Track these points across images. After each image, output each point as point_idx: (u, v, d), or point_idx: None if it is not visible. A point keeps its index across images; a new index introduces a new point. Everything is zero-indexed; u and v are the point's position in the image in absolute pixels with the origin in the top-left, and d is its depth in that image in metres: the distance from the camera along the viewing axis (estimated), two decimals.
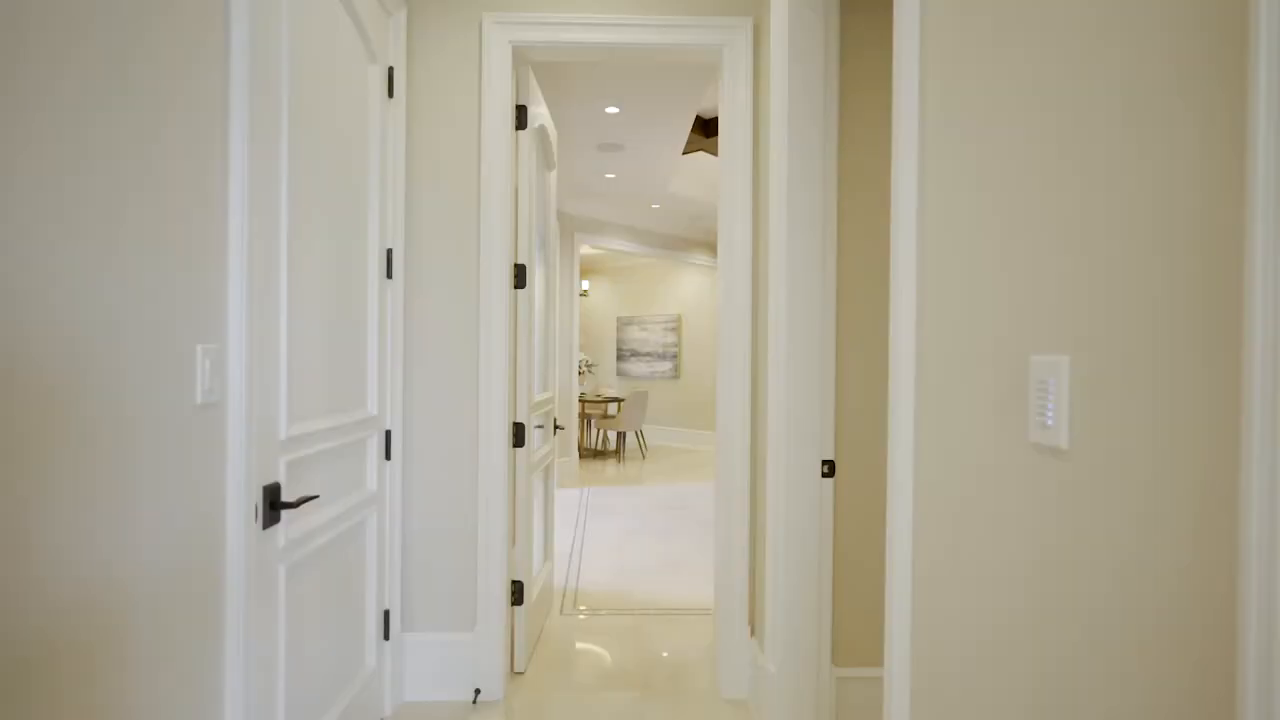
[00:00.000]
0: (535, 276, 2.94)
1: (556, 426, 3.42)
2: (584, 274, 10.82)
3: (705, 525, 5.17)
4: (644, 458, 8.66)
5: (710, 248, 8.90)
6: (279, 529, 1.55)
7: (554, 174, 3.41)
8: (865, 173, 2.28)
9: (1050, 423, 0.88)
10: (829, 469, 2.19)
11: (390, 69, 2.30)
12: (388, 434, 2.31)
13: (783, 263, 2.17)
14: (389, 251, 2.31)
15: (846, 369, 2.28)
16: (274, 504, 1.50)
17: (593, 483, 6.95)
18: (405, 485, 2.46)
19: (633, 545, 4.58)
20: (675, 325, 9.86)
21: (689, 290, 9.77)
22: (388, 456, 2.31)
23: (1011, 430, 0.99)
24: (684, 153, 5.27)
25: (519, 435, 2.65)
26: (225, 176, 1.36)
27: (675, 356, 9.85)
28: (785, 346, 2.16)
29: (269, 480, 1.50)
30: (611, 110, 4.35)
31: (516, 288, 2.67)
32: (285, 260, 1.58)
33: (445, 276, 2.48)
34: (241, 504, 1.37)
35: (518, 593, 2.67)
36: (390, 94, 2.30)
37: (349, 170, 1.99)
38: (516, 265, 2.66)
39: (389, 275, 2.32)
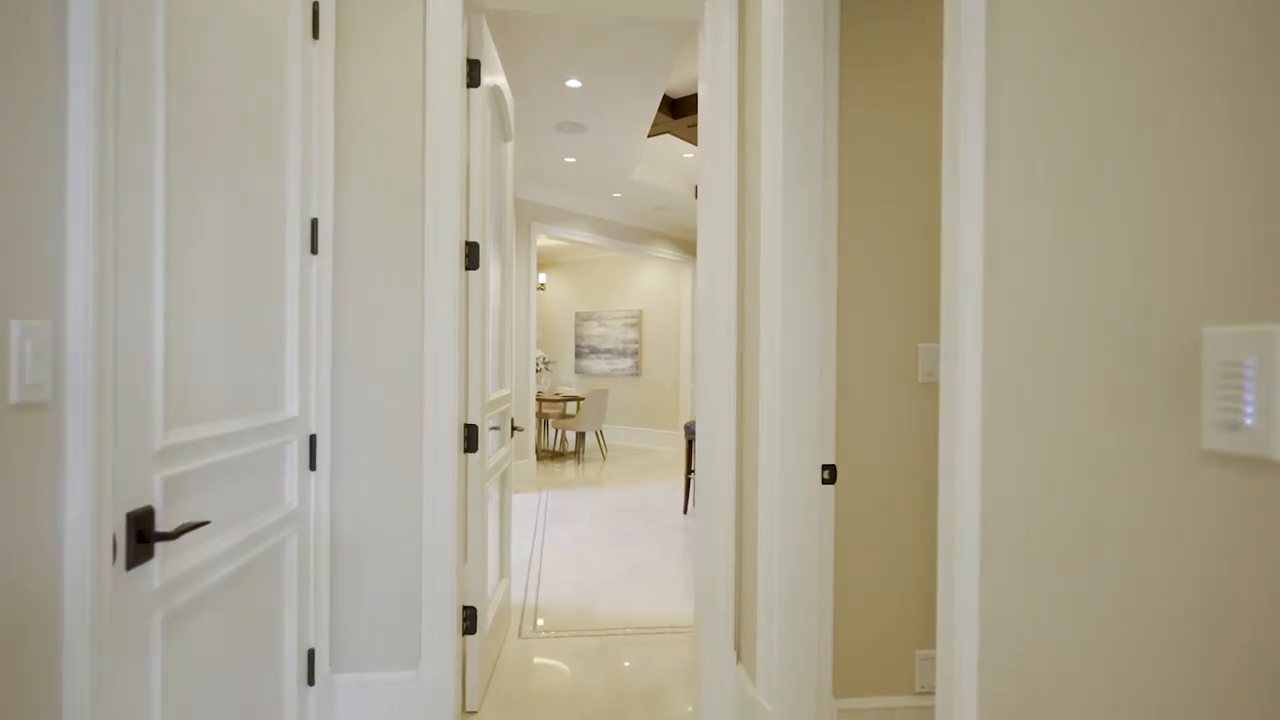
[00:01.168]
0: (489, 260, 2.60)
1: (514, 428, 3.08)
2: (541, 267, 10.43)
3: (670, 528, 4.89)
4: (604, 459, 8.34)
5: (673, 240, 8.63)
6: (151, 567, 1.19)
7: (510, 146, 3.07)
8: (870, 144, 2.02)
9: (1250, 422, 0.61)
10: (830, 474, 1.92)
11: (315, 4, 1.93)
12: (312, 439, 1.94)
13: (778, 245, 1.89)
14: (314, 222, 1.94)
15: (849, 365, 2.01)
16: (143, 535, 1.14)
17: (551, 486, 6.60)
18: (335, 499, 2.09)
19: (595, 552, 4.26)
20: (636, 321, 9.57)
21: (650, 284, 9.48)
22: (312, 466, 1.95)
23: (1167, 433, 0.70)
24: (650, 135, 4.97)
25: (471, 439, 2.31)
26: (63, 111, 0.99)
27: (636, 353, 9.56)
28: (780, 341, 1.88)
29: (137, 504, 1.14)
30: (574, 84, 4.01)
31: (468, 269, 2.33)
32: (161, 222, 1.22)
33: (384, 253, 2.12)
34: (87, 538, 1.01)
35: (470, 620, 2.33)
36: (315, 34, 1.93)
37: (261, 123, 1.62)
38: (468, 243, 2.32)
39: (314, 249, 1.95)
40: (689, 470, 5.49)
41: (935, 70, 2.06)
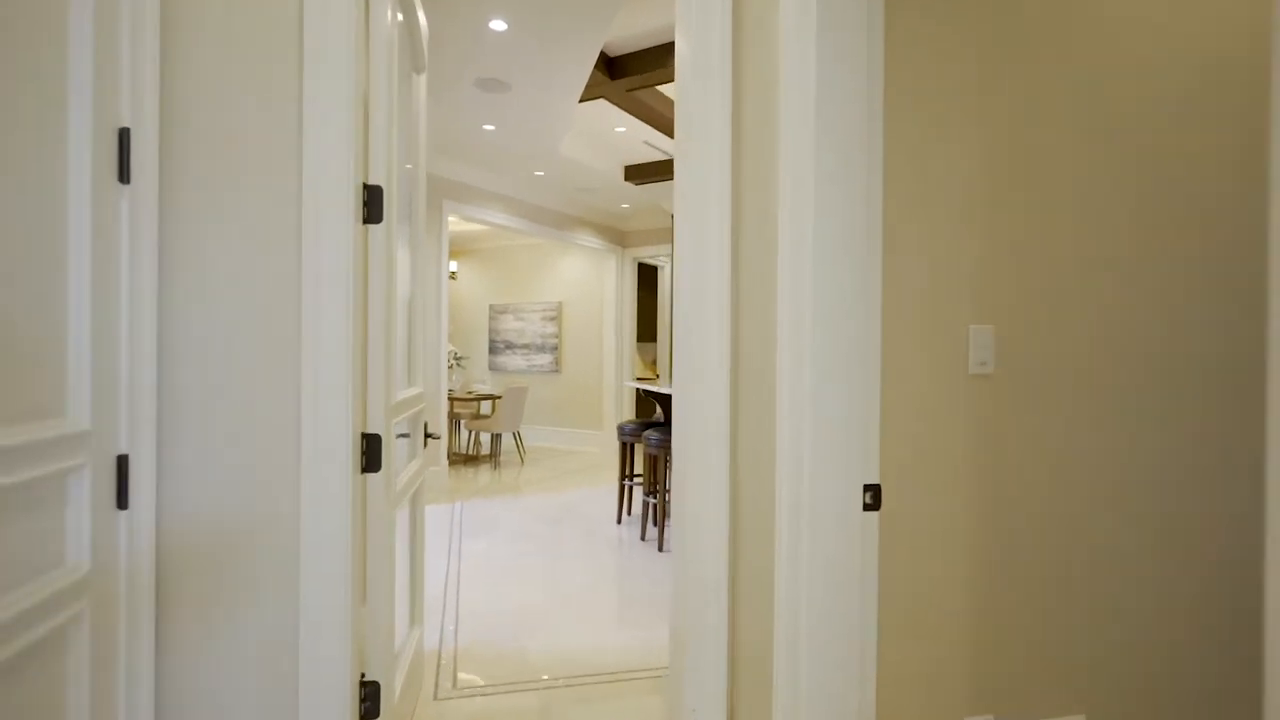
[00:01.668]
0: (394, 215, 1.97)
1: (429, 435, 2.46)
2: (452, 255, 9.62)
3: (605, 541, 4.36)
4: (522, 462, 7.70)
5: (597, 227, 8.08)
6: None
7: (424, 81, 2.44)
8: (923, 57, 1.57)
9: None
10: (873, 497, 1.45)
11: None
12: (121, 462, 1.29)
13: (808, 209, 1.40)
14: (122, 134, 1.29)
15: (898, 363, 1.55)
16: None
17: (466, 494, 5.91)
18: (163, 551, 1.43)
19: (522, 573, 3.67)
20: (555, 314, 8.95)
21: (572, 275, 8.89)
22: (123, 502, 1.29)
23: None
24: (583, 99, 4.41)
25: (372, 454, 1.69)
26: None
27: (556, 349, 8.94)
28: (811, 333, 1.40)
29: None
30: (498, 26, 3.40)
31: (369, 221, 1.71)
32: None
33: (239, 190, 1.48)
34: None
35: (371, 700, 1.71)
36: None
37: None
38: (368, 187, 1.70)
39: (124, 177, 1.29)
40: (624, 476, 4.98)
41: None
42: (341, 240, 1.54)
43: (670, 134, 5.09)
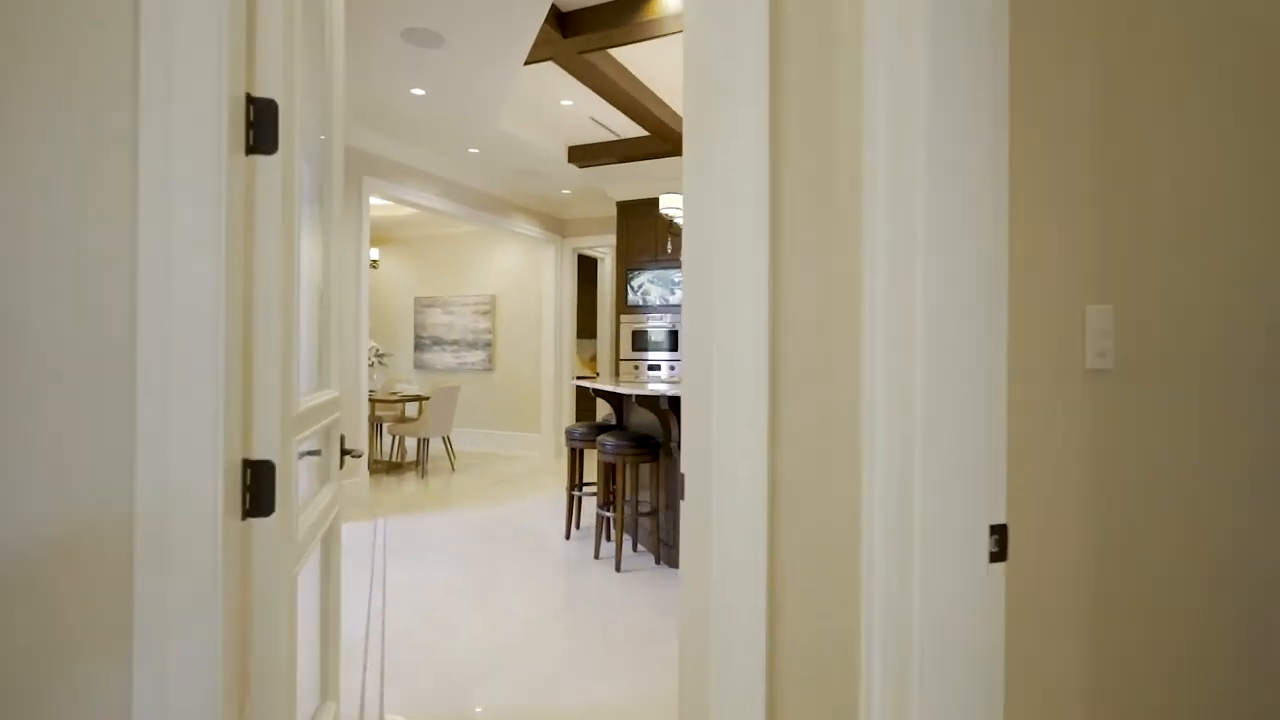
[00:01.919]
0: (296, 147, 1.41)
1: (346, 452, 1.90)
2: (373, 241, 8.82)
3: (548, 556, 3.85)
4: (453, 469, 7.05)
5: (535, 214, 7.50)
6: None
7: (340, 7, 1.87)
8: None
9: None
10: (999, 544, 1.02)
11: None
12: None
13: (916, 165, 0.96)
14: None
15: (1026, 372, 1.13)
16: None
17: (390, 509, 5.25)
18: None
19: (460, 606, 3.12)
20: (489, 308, 8.31)
21: (507, 265, 8.28)
22: None
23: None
24: (529, 60, 3.88)
25: (261, 489, 1.15)
26: None
27: (489, 345, 8.31)
28: (923, 325, 0.96)
29: None
30: None
31: (254, 152, 1.16)
32: None
33: (27, 110, 0.91)
34: None
35: None
36: None
37: None
38: (253, 100, 1.15)
39: None
40: (573, 486, 4.47)
41: None
42: (206, 179, 1.00)
43: (625, 109, 4.63)
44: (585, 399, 9.37)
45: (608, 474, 4.13)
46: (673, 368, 6.59)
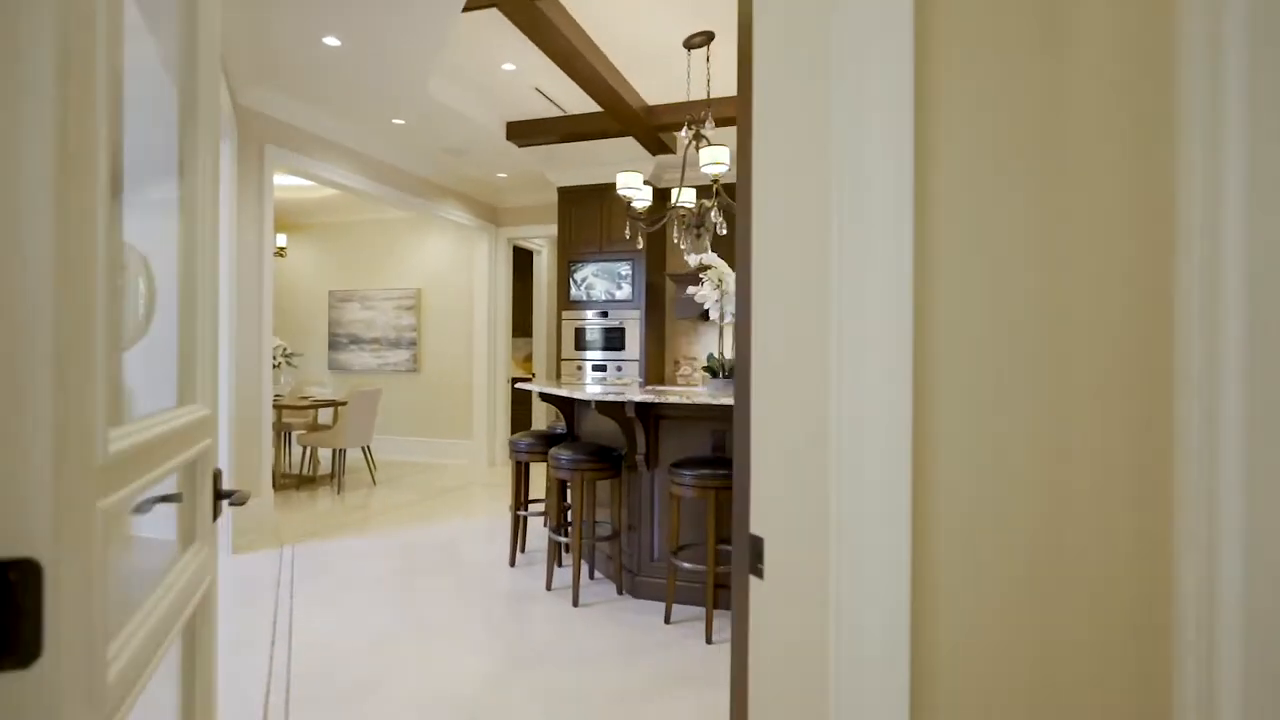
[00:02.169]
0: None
1: (222, 495, 1.31)
2: (280, 228, 7.90)
3: (493, 590, 3.27)
4: (374, 482, 6.29)
5: (467, 200, 6.83)
6: None
7: None
8: None
9: None
10: None
11: None
12: None
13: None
14: None
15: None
16: None
17: (300, 534, 4.51)
18: None
19: (390, 664, 2.51)
20: (414, 303, 7.57)
21: (435, 255, 7.55)
22: None
23: None
24: (469, 6, 3.27)
25: (3, 619, 0.57)
26: None
27: (414, 344, 7.56)
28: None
29: None
30: None
31: None
32: None
33: None
34: None
35: None
36: None
37: None
38: None
39: None
40: (518, 504, 3.89)
41: None
42: None
43: (578, 75, 4.08)
44: (521, 403, 8.74)
45: (559, 492, 3.58)
46: (619, 368, 6.09)
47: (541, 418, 8.13)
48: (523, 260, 9.04)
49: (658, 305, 6.36)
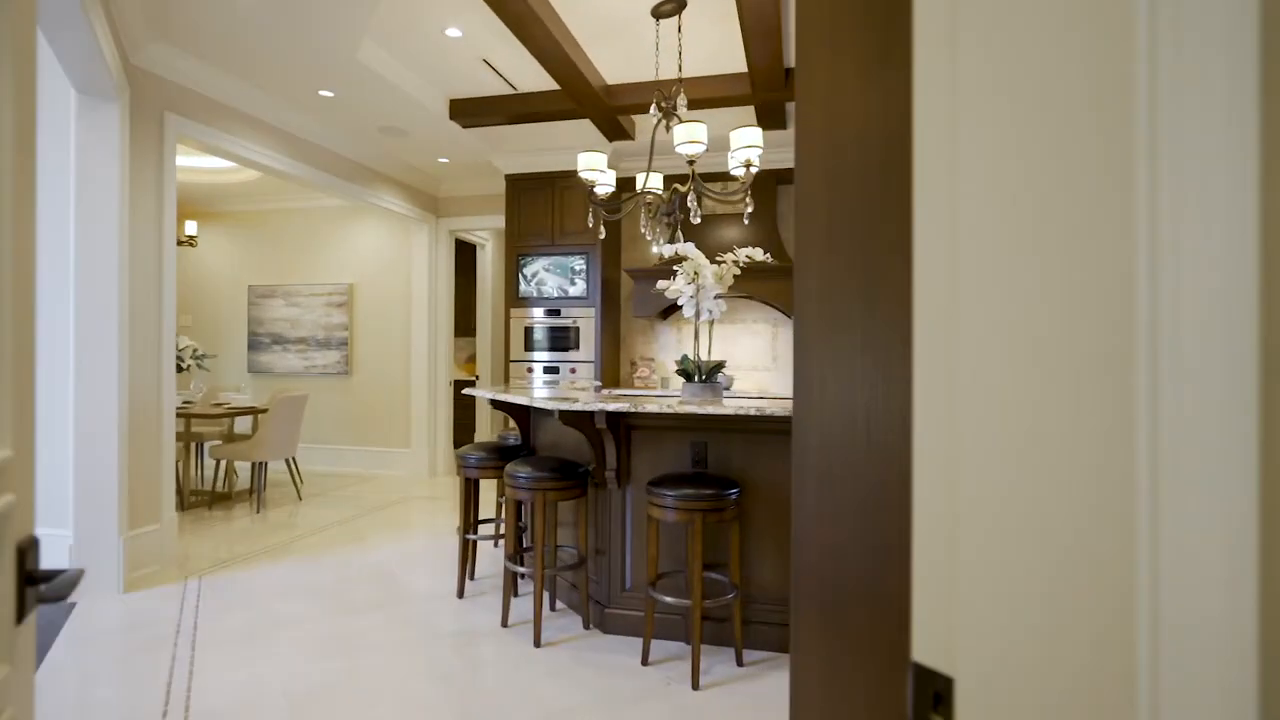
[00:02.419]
0: None
1: (37, 580, 0.84)
2: (190, 214, 7.13)
3: (441, 630, 2.82)
4: (300, 498, 5.67)
5: (404, 187, 6.26)
6: None
7: None
8: None
9: None
10: None
11: None
12: None
13: None
14: None
15: None
16: None
17: (209, 563, 3.91)
18: None
19: None
20: (346, 299, 6.94)
21: (369, 247, 6.95)
22: None
23: None
24: None
25: None
26: None
27: (345, 344, 6.94)
28: None
29: None
30: None
31: None
32: None
33: None
34: None
35: None
36: None
37: None
38: None
39: None
40: (468, 526, 3.43)
41: None
42: None
43: (533, 45, 3.64)
44: (465, 407, 8.20)
45: (516, 513, 3.15)
46: (573, 370, 5.67)
47: (487, 423, 7.62)
48: (466, 255, 8.49)
49: (613, 302, 5.96)
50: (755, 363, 5.88)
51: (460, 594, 3.38)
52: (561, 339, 5.71)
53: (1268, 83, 0.35)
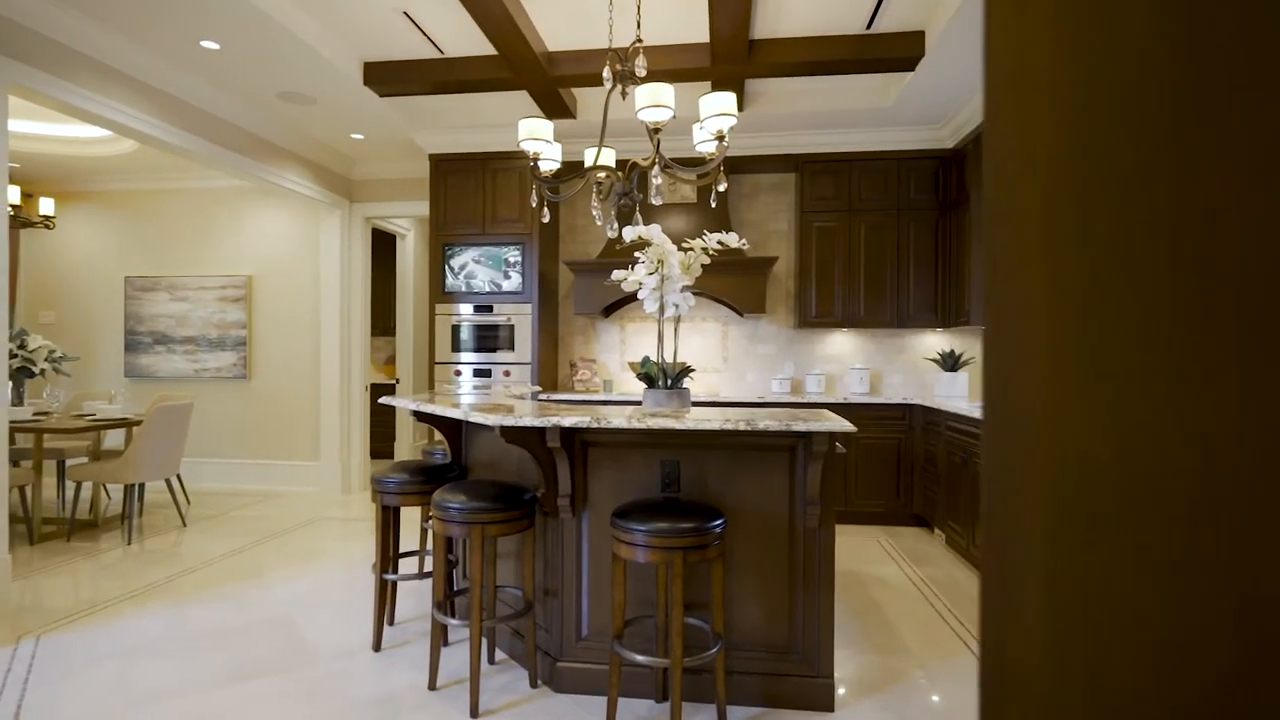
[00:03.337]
0: None
1: None
2: (49, 191, 6.12)
3: (353, 698, 2.25)
4: (184, 523, 4.87)
5: (313, 167, 5.52)
6: None
7: None
8: None
9: None
10: None
11: None
12: None
13: None
14: None
15: None
16: None
17: (53, 617, 3.16)
18: None
19: None
20: (243, 293, 6.12)
21: (271, 235, 6.15)
22: None
23: None
24: None
25: None
26: None
27: (243, 344, 6.12)
28: None
29: None
30: None
31: None
32: None
33: None
34: None
35: None
36: None
37: None
38: None
39: None
40: (385, 562, 2.85)
41: None
42: None
43: (473, 1, 3.09)
44: (384, 413, 7.48)
45: (447, 548, 2.60)
46: (507, 372, 5.12)
47: (410, 431, 6.93)
48: (385, 245, 7.75)
49: (551, 298, 5.44)
50: (706, 364, 5.49)
51: (377, 645, 2.79)
52: (493, 338, 5.14)
53: None
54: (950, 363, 4.94)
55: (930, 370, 5.31)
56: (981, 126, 0.45)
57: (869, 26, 3.79)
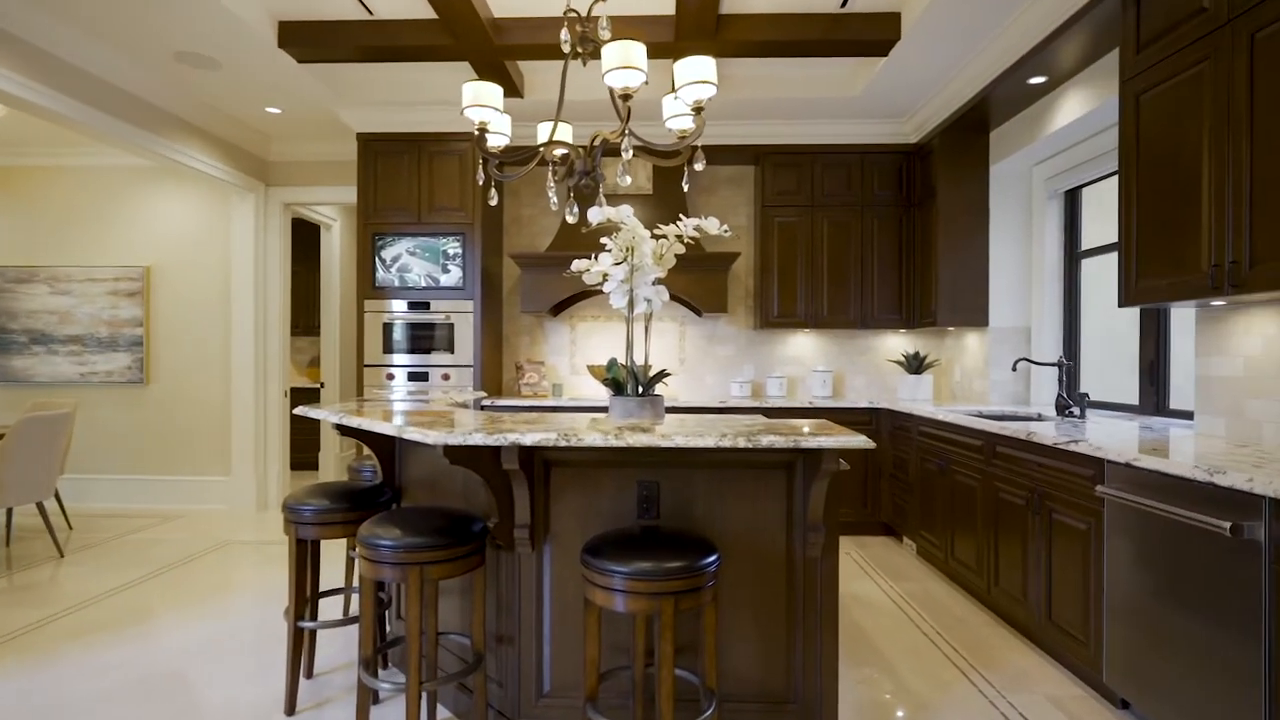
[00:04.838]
0: None
1: None
2: None
3: None
4: (61, 554, 4.19)
5: (221, 145, 4.89)
6: None
7: None
8: None
9: None
10: None
11: None
12: None
13: None
14: None
15: None
16: None
17: None
18: None
19: None
20: (140, 287, 5.41)
21: (173, 221, 5.45)
22: None
23: None
24: None
25: None
26: None
27: (140, 344, 5.40)
28: None
29: None
30: None
31: None
32: None
33: None
34: None
35: None
36: None
37: None
38: None
39: None
40: (301, 609, 2.37)
41: None
42: None
43: None
44: (306, 420, 6.84)
45: (377, 591, 2.16)
46: (446, 376, 4.65)
47: (336, 442, 6.33)
48: (307, 235, 7.10)
49: (494, 296, 4.99)
50: (661, 366, 5.15)
51: (291, 709, 2.32)
52: (430, 338, 4.66)
53: None
54: (915, 365, 4.76)
55: (894, 373, 5.13)
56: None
57: (843, 5, 3.53)
